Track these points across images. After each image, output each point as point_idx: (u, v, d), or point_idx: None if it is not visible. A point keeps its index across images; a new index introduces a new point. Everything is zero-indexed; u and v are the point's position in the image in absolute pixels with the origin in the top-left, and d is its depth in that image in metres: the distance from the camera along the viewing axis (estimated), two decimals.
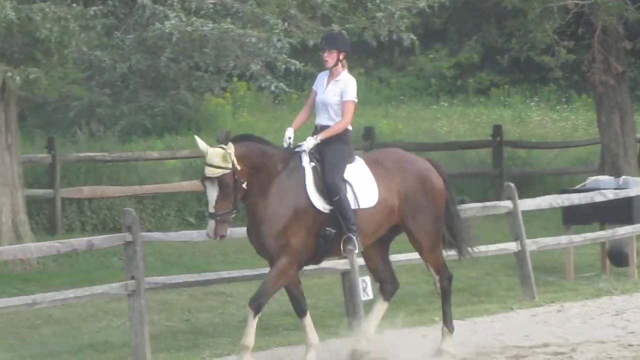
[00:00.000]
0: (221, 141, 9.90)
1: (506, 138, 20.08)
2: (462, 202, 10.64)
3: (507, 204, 12.40)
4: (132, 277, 9.45)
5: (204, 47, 12.96)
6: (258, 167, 8.69)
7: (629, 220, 13.43)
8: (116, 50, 13.33)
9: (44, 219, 16.09)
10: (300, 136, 9.19)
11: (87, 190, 16.51)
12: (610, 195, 13.24)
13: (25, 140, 18.82)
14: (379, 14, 13.38)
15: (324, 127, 9.12)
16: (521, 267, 12.41)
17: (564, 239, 13.28)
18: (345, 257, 9.75)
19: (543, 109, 26.20)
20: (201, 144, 8.65)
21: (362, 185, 8.86)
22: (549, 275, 13.60)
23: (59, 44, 12.55)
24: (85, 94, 16.51)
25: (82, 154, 17.35)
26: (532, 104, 26.54)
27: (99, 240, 10.00)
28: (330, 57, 9.14)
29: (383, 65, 25.52)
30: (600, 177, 14.63)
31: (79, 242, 10.00)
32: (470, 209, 11.36)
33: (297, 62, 13.20)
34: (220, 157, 8.58)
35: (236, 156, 8.54)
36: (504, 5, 16.65)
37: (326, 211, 8.68)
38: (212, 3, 12.69)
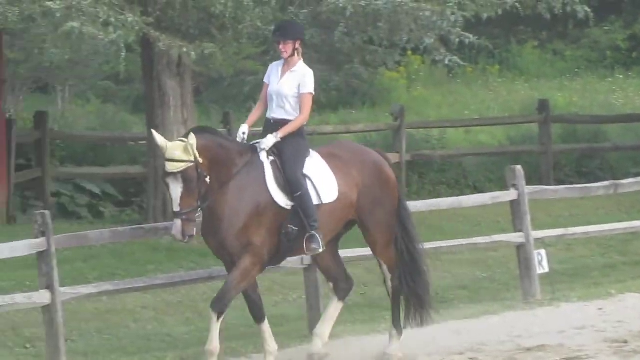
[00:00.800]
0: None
1: None
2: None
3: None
4: None
5: (378, 21, 13.09)
6: (217, 161, 8.27)
7: None
8: None
9: None
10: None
11: None
12: None
13: (202, 115, 19.39)
14: None
15: (278, 121, 8.66)
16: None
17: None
18: (309, 256, 9.10)
19: None
20: (159, 138, 8.27)
21: (322, 180, 8.43)
22: None
23: (234, 19, 12.74)
24: (260, 69, 16.91)
25: (256, 129, 17.78)
26: None
27: None
28: (286, 48, 8.67)
29: (557, 38, 25.33)
30: None
31: None
32: None
33: (471, 36, 13.18)
34: (181, 150, 8.18)
35: (197, 148, 8.12)
36: None
37: (288, 208, 8.29)
38: None
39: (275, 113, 8.63)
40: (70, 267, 11.51)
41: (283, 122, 8.59)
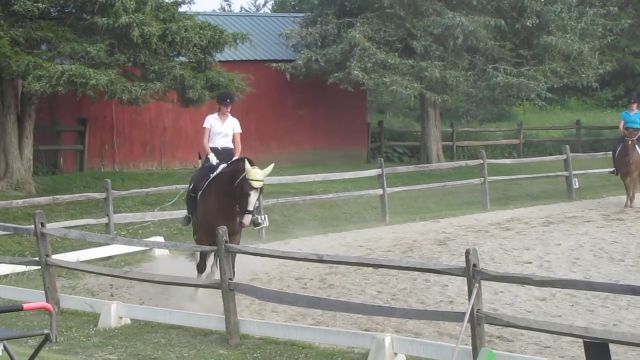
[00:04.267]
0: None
1: None
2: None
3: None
4: None
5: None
6: None
7: None
8: None
9: None
10: None
11: None
12: None
13: None
14: None
15: (225, 149, 14.16)
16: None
17: None
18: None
19: None
20: (247, 164, 13.01)
21: None
22: None
23: None
24: None
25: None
26: None
27: None
28: (229, 109, 14.36)
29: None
30: None
31: None
32: None
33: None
34: (262, 175, 12.96)
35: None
36: None
37: None
38: None
39: (221, 143, 14.22)
40: None
41: (227, 149, 14.23)
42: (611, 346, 8.36)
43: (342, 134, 34.69)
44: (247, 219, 12.95)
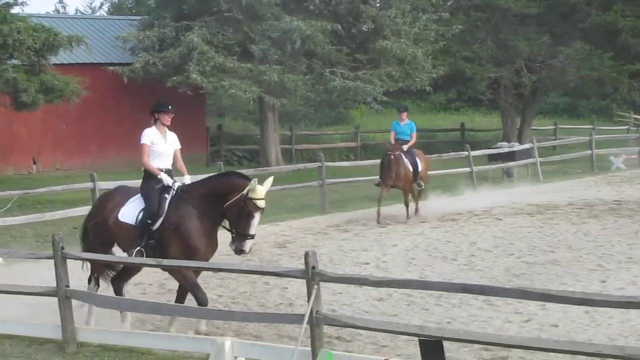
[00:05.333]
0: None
1: None
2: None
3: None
4: None
5: None
6: None
7: (513, 159, 32.90)
8: None
9: None
10: None
11: None
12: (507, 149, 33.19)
13: None
14: None
15: (169, 170, 11.73)
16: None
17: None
18: None
19: None
20: (254, 182, 10.90)
21: None
22: None
23: None
24: None
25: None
26: None
27: None
28: (170, 119, 11.79)
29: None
30: (503, 143, 34.75)
31: None
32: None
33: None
34: (264, 192, 11.02)
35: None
36: None
37: None
38: None
39: (167, 164, 11.80)
40: None
41: (169, 171, 11.76)
42: (445, 343, 8.59)
43: (181, 138, 34.27)
44: (249, 245, 11.17)
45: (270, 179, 11.23)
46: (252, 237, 11.12)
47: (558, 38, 39.15)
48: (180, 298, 11.71)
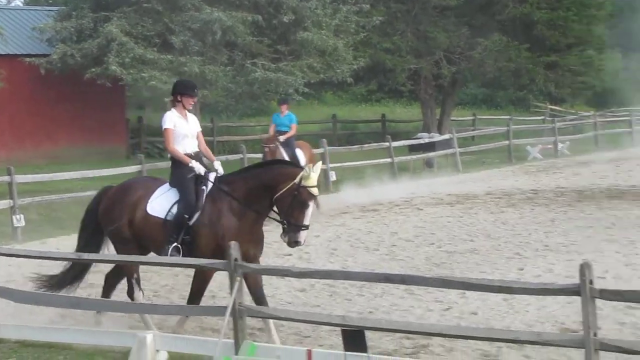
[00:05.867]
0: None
1: None
2: None
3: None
4: None
5: None
6: None
7: (433, 149, 33.30)
8: None
9: None
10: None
11: None
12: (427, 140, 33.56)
13: None
14: None
15: (197, 153, 10.87)
16: None
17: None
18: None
19: None
20: (308, 169, 10.23)
21: None
22: None
23: None
24: None
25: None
26: None
27: None
28: (194, 101, 10.92)
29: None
30: (423, 133, 35.14)
31: None
32: None
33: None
34: (316, 178, 10.27)
35: None
36: None
37: None
38: None
39: (190, 148, 10.85)
40: None
41: (198, 154, 10.93)
42: (367, 333, 8.68)
43: (101, 130, 34.09)
44: (304, 236, 10.48)
45: (319, 164, 10.64)
46: (307, 227, 10.49)
47: (476, 30, 39.60)
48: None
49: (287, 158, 20.75)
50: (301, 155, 21.68)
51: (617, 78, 68.10)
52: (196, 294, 10.70)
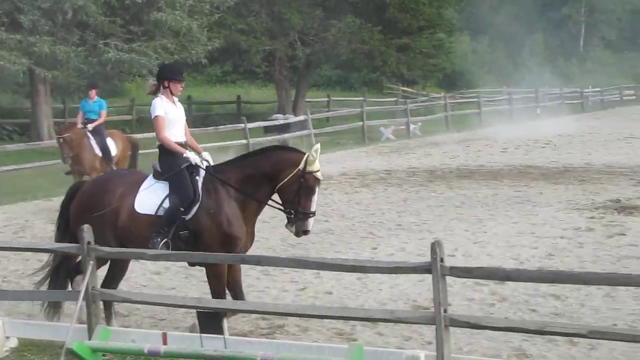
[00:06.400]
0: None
1: None
2: None
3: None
4: None
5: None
6: None
7: (288, 130, 33.53)
8: None
9: None
10: None
11: None
12: (282, 121, 33.70)
13: None
14: None
15: (185, 142, 10.07)
16: None
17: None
18: None
19: None
20: (315, 153, 9.60)
21: None
22: None
23: None
24: None
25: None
26: None
27: None
28: (182, 87, 10.26)
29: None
30: (278, 115, 35.23)
31: None
32: None
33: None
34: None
35: None
36: None
37: None
38: None
39: (180, 136, 10.08)
40: None
41: (186, 143, 10.14)
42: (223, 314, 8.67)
43: None
44: (311, 223, 9.82)
45: (318, 146, 9.81)
46: (314, 214, 9.81)
47: (330, 12, 39.95)
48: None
49: (97, 148, 19.56)
50: (113, 145, 19.88)
51: (466, 60, 69.97)
52: (219, 293, 9.76)
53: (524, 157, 28.80)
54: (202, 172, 9.92)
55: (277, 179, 9.69)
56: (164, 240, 9.64)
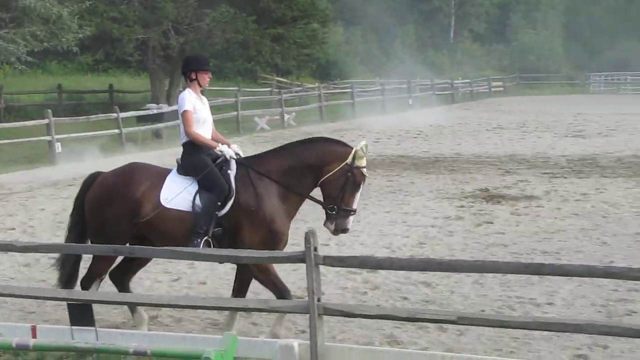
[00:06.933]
0: None
1: None
2: None
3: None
4: None
5: None
6: None
7: (162, 120, 33.24)
8: None
9: None
10: None
11: None
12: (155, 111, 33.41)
13: None
14: None
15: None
16: None
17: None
18: None
19: None
20: (364, 147, 9.16)
21: None
22: None
23: None
24: None
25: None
26: None
27: None
28: (209, 77, 9.65)
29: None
30: (152, 104, 34.97)
31: None
32: None
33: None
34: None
35: None
36: None
37: None
38: None
39: (208, 134, 9.53)
40: None
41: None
42: (95, 306, 8.55)
43: None
44: (351, 222, 9.35)
45: (363, 142, 9.28)
46: (355, 212, 9.33)
47: (204, 1, 39.65)
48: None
49: None
50: None
51: (340, 51, 70.52)
52: (273, 283, 9.32)
53: (396, 147, 29.25)
54: (234, 165, 9.34)
55: (321, 172, 9.20)
56: (204, 240, 9.08)
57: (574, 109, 47.98)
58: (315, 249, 7.56)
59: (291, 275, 11.90)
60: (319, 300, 7.60)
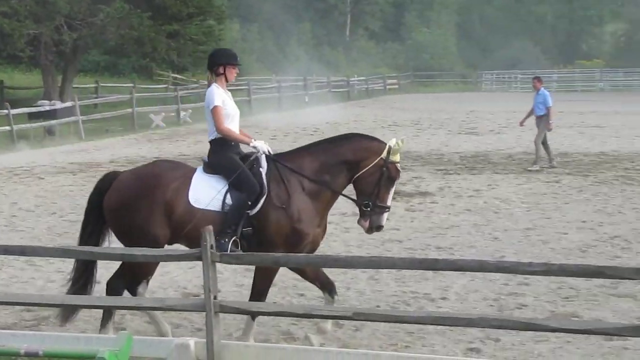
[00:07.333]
0: None
1: None
2: None
3: None
4: None
5: None
6: None
7: (55, 117, 32.71)
8: None
9: None
10: None
11: None
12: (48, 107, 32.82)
13: None
14: None
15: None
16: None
17: None
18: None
19: None
20: (397, 141, 8.92)
21: None
22: None
23: None
24: None
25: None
26: None
27: None
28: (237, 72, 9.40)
29: None
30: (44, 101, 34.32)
31: None
32: None
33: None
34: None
35: None
36: None
37: None
38: None
39: (236, 129, 9.32)
40: None
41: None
42: None
43: None
44: (385, 218, 9.10)
45: (400, 137, 9.10)
46: (390, 209, 9.13)
47: None
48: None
49: None
50: None
51: (236, 48, 70.24)
52: (262, 292, 9.08)
53: (293, 145, 29.22)
54: (265, 163, 9.05)
55: (357, 168, 8.96)
56: (232, 240, 8.71)
57: (467, 106, 48.81)
58: (212, 247, 7.53)
59: (187, 274, 11.85)
60: (215, 298, 7.58)
